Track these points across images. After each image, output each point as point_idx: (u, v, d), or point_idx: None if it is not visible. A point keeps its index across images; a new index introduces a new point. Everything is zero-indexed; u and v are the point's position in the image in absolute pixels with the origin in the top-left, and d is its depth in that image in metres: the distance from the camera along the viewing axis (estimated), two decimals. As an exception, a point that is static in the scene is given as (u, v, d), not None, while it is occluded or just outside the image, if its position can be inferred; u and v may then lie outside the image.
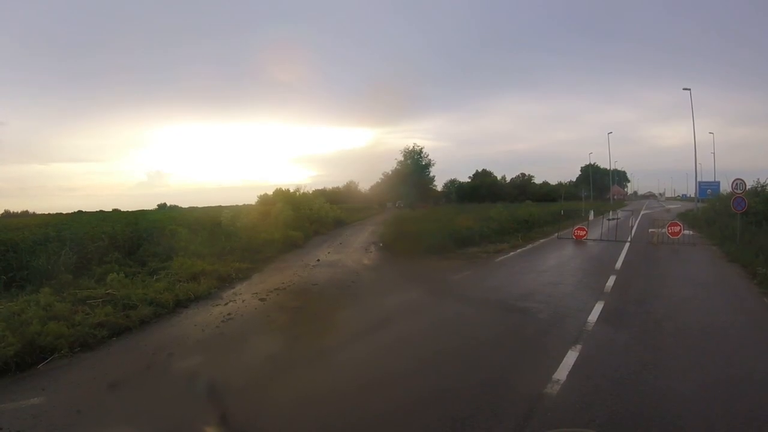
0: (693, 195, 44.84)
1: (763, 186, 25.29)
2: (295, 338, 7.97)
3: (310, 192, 38.43)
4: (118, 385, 6.33)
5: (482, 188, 55.22)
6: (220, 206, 30.78)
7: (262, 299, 11.40)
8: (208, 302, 11.39)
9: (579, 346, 7.55)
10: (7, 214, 26.63)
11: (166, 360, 7.31)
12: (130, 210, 34.82)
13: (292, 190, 35.36)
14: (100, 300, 10.21)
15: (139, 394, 6.17)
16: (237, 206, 32.65)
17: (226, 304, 11.11)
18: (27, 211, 31.06)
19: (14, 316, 8.74)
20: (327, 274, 14.83)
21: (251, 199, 36.67)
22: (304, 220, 27.69)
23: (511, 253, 19.50)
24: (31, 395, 6.28)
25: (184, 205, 43.10)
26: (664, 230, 23.42)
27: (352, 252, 20.22)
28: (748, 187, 23.09)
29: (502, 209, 33.56)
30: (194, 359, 7.11)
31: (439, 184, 59.98)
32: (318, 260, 17.83)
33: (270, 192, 35.23)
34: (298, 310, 10.20)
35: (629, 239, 23.52)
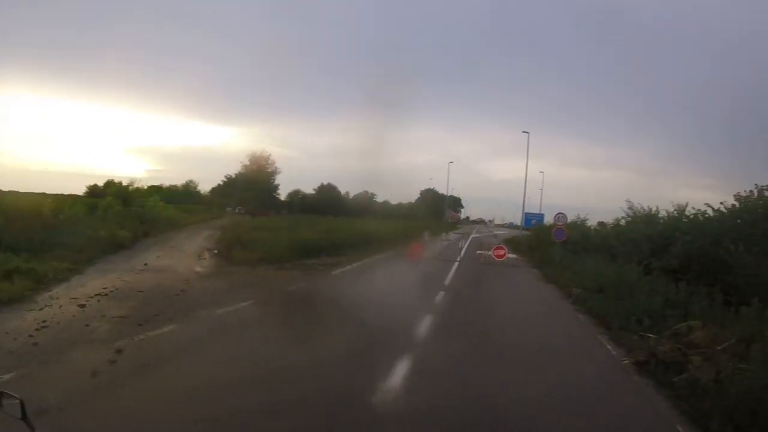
0: (520, 223, 49.19)
1: (582, 220, 28.84)
2: (116, 351, 7.80)
3: (145, 188, 36.70)
4: None
5: (326, 202, 55.86)
6: (44, 194, 28.24)
7: (81, 305, 10.84)
8: (22, 306, 10.58)
9: (410, 358, 8.11)
10: None
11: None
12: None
13: (125, 184, 33.55)
14: None
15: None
16: (63, 195, 30.33)
17: (41, 309, 10.37)
18: None
19: None
20: (155, 281, 14.34)
21: (80, 189, 34.19)
22: (135, 218, 26.40)
23: (348, 267, 20.29)
24: None
25: (4, 188, 38.67)
26: (490, 253, 25.90)
27: (185, 257, 19.70)
28: (569, 220, 26.43)
29: (344, 224, 34.51)
30: (4, 374, 6.73)
31: (283, 194, 59.81)
32: (146, 264, 17.24)
33: (101, 183, 33.12)
34: (120, 320, 9.88)
35: (459, 259, 25.58)
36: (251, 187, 46.55)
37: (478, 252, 27.86)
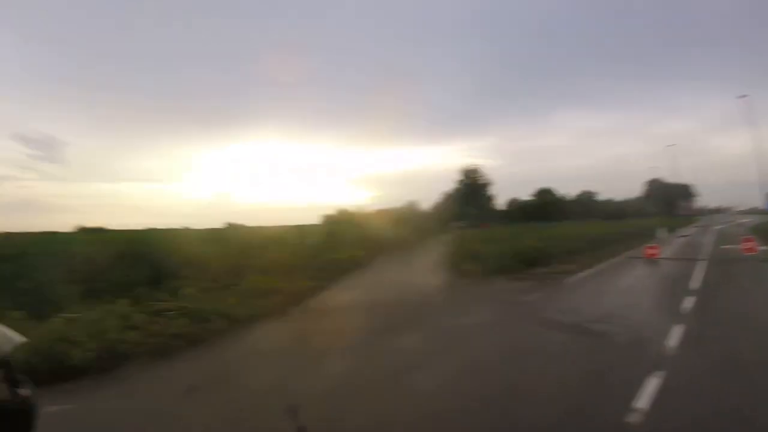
0: (765, 207, 42.31)
1: None
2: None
3: (373, 211, 38.92)
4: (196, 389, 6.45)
5: (546, 206, 54.13)
6: (287, 226, 31.26)
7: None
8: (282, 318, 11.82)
9: (661, 373, 6.78)
10: (83, 230, 27.82)
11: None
12: (199, 228, 35.85)
13: (354, 210, 35.86)
14: (174, 312, 10.48)
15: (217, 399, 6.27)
16: (302, 225, 33.25)
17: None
18: (102, 227, 32.28)
19: (93, 323, 9.02)
20: (396, 294, 14.68)
21: (311, 220, 37.40)
22: (369, 240, 27.83)
23: (580, 274, 18.78)
24: (113, 397, 6.67)
25: (249, 223, 43.76)
26: (738, 246, 22.22)
27: (418, 272, 19.80)
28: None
29: (568, 228, 32.79)
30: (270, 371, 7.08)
31: (498, 203, 59.58)
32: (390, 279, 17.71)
33: (331, 212, 35.86)
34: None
35: (702, 258, 22.19)
36: (469, 200, 47.00)
37: (722, 247, 24.07)
